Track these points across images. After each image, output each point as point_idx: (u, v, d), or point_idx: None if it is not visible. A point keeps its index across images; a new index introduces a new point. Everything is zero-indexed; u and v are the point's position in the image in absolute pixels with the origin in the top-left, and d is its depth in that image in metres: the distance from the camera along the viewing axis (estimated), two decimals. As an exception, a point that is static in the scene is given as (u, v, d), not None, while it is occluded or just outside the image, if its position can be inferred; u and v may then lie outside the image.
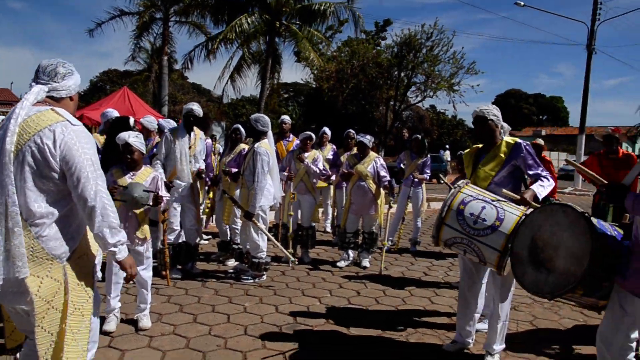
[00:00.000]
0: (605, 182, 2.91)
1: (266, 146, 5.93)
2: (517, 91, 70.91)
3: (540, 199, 3.67)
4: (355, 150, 7.44)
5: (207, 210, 8.40)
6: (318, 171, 7.06)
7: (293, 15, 21.71)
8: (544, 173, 3.81)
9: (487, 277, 4.26)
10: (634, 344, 2.84)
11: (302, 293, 5.74)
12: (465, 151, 4.41)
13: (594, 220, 2.83)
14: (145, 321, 4.54)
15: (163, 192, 4.64)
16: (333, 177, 8.06)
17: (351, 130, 8.78)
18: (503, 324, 3.95)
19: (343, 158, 7.24)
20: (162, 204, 4.60)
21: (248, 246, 6.11)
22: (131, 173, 4.48)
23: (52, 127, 2.30)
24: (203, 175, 6.23)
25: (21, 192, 2.29)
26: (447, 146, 33.79)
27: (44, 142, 2.27)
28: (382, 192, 6.91)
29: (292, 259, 6.54)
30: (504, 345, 4.03)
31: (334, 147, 8.89)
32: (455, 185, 3.81)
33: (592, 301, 2.96)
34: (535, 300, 5.60)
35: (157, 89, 25.07)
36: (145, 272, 4.56)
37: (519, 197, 3.61)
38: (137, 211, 4.41)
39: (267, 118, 6.10)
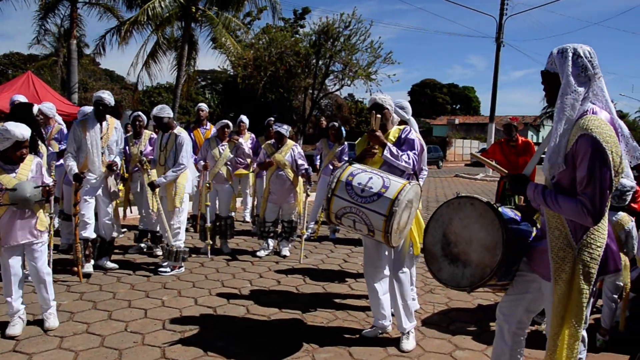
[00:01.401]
0: (506, 172, 3.04)
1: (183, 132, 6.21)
2: (432, 81, 73.31)
3: (384, 157, 3.94)
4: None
5: (118, 202, 8.10)
6: (249, 151, 7.51)
7: (210, 1, 21.21)
8: (412, 154, 3.99)
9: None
10: (529, 321, 3.02)
11: (221, 284, 5.67)
12: (358, 139, 4.55)
13: (499, 209, 2.95)
14: (52, 320, 4.30)
15: (46, 179, 4.35)
16: (254, 166, 8.03)
17: (271, 119, 8.76)
18: (404, 303, 4.09)
19: (268, 144, 7.18)
20: (52, 192, 4.31)
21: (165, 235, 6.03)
22: (13, 168, 4.09)
23: None
24: (115, 168, 5.90)
25: None
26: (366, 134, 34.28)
27: None
28: (300, 180, 6.94)
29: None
30: (414, 322, 4.19)
31: (253, 135, 8.81)
32: (345, 162, 3.97)
33: (503, 284, 3.09)
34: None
35: (66, 75, 23.73)
36: (44, 268, 4.28)
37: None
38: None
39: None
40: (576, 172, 2.41)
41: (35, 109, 5.93)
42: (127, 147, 7.04)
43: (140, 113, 7.25)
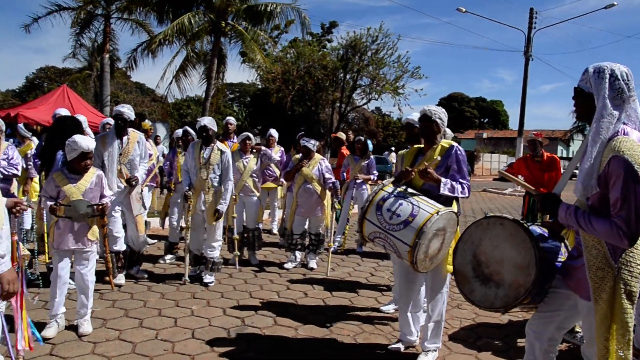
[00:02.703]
0: (534, 190, 3.03)
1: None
2: (459, 94, 72.93)
3: (444, 190, 3.80)
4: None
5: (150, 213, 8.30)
6: (277, 159, 7.59)
7: (239, 15, 21.54)
8: (464, 181, 3.95)
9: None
10: (561, 338, 3.00)
11: (249, 295, 5.74)
12: (403, 151, 4.54)
13: (530, 227, 2.95)
14: (86, 326, 4.43)
15: (106, 191, 4.56)
16: (282, 179, 8.15)
17: (302, 133, 8.88)
18: (435, 323, 4.08)
19: (297, 157, 7.25)
20: (107, 210, 4.51)
21: (205, 249, 6.13)
22: (76, 178, 4.34)
23: None
24: (134, 183, 5.88)
25: None
26: (393, 148, 34.26)
27: None
28: (328, 193, 6.99)
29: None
30: (438, 345, 4.15)
31: (282, 149, 8.92)
32: (380, 183, 3.95)
33: (534, 304, 3.07)
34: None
35: (99, 88, 24.31)
36: (90, 275, 4.46)
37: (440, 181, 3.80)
38: None
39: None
40: (609, 194, 2.39)
41: (84, 122, 6.13)
42: (174, 159, 7.33)
43: (188, 128, 7.37)
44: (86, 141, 4.23)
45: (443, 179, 3.82)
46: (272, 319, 4.98)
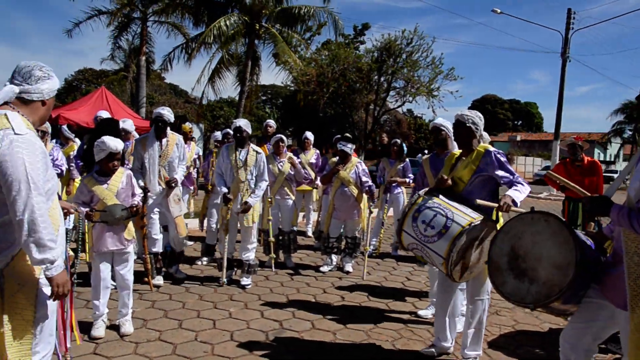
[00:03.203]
0: (585, 192, 2.96)
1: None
2: (493, 96, 72.02)
3: (519, 203, 3.70)
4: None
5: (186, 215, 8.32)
6: (302, 170, 7.45)
7: (272, 18, 21.68)
8: (518, 179, 3.86)
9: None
10: (597, 349, 2.92)
11: (286, 298, 5.75)
12: (425, 157, 4.51)
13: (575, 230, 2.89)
14: (128, 326, 4.49)
15: (136, 190, 4.62)
16: (318, 182, 8.15)
17: (338, 136, 8.85)
18: (475, 330, 4.02)
19: (333, 161, 7.23)
20: (140, 211, 4.56)
21: (241, 252, 6.17)
22: (106, 179, 4.38)
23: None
24: (173, 185, 5.89)
25: None
26: (426, 151, 33.97)
27: None
28: (365, 197, 6.96)
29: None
30: (479, 352, 4.09)
31: (317, 151, 8.92)
32: (416, 194, 3.93)
33: (564, 308, 3.01)
34: (518, 305, 5.70)
35: (135, 89, 24.77)
36: (129, 275, 4.54)
37: (496, 204, 3.67)
38: None
39: None
40: None
41: (125, 125, 6.22)
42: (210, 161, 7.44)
43: (230, 130, 7.43)
44: (114, 142, 4.27)
45: (513, 196, 3.68)
46: (310, 323, 4.97)
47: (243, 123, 6.11)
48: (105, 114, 6.91)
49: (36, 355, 2.50)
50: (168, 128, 5.95)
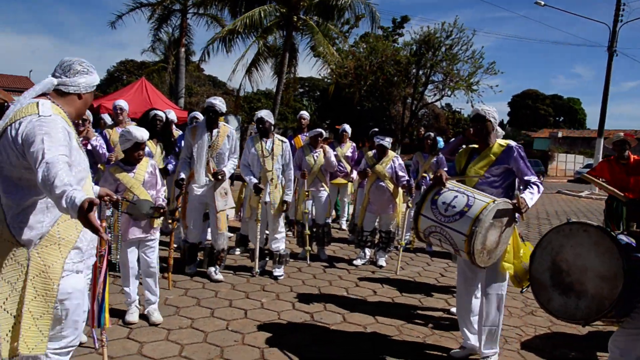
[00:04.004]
0: (622, 194, 2.85)
1: None
2: (534, 92, 70.42)
3: (530, 207, 3.63)
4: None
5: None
6: (335, 163, 7.29)
7: (310, 10, 21.61)
8: (534, 179, 3.80)
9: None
10: None
11: (318, 291, 5.73)
12: (460, 150, 4.40)
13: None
14: (156, 315, 4.53)
15: (159, 180, 4.61)
16: (354, 175, 8.10)
17: (375, 129, 8.78)
18: (491, 329, 3.90)
19: (369, 154, 7.15)
20: (166, 211, 4.55)
21: (270, 242, 6.17)
22: (132, 168, 4.40)
23: (22, 120, 2.33)
24: (220, 177, 5.69)
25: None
26: (464, 146, 33.55)
27: (11, 134, 2.32)
28: (400, 191, 6.88)
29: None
30: (496, 350, 3.97)
31: (354, 144, 8.88)
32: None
33: (619, 318, 2.89)
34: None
35: (174, 80, 25.12)
36: (155, 261, 4.56)
37: (516, 204, 3.59)
38: None
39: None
40: None
41: (171, 115, 6.26)
42: None
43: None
44: (140, 132, 4.29)
45: (526, 199, 3.62)
46: (341, 316, 4.95)
47: (265, 114, 6.11)
48: (124, 104, 6.96)
49: (63, 340, 2.55)
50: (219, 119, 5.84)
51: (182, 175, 5.66)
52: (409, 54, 20.24)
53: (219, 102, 5.71)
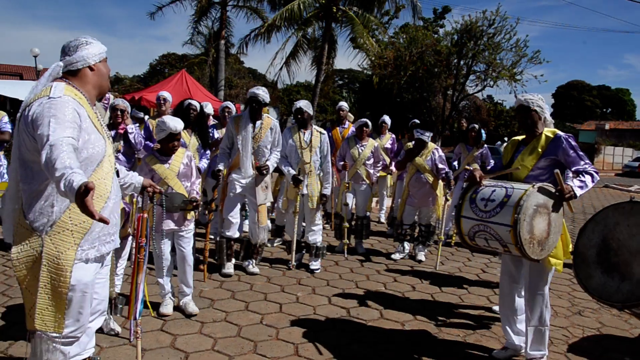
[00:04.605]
0: None
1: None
2: (580, 82, 68.35)
3: (578, 196, 3.38)
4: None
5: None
6: (381, 163, 7.16)
7: (350, 0, 21.41)
8: (588, 168, 3.52)
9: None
10: None
11: (355, 285, 5.60)
12: (507, 142, 4.16)
13: None
14: (192, 306, 4.49)
15: (194, 172, 4.54)
16: (393, 167, 7.93)
17: (415, 120, 8.59)
18: (537, 329, 3.68)
19: (409, 145, 6.94)
20: (199, 205, 4.48)
21: (307, 235, 6.06)
22: (168, 159, 4.35)
23: (33, 103, 2.34)
24: (265, 172, 5.50)
25: (15, 161, 2.43)
26: (505, 138, 32.96)
27: (23, 117, 2.34)
28: (441, 183, 6.67)
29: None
30: (544, 352, 3.74)
31: (393, 136, 8.71)
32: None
33: None
34: (603, 305, 5.27)
35: (214, 73, 25.30)
36: (189, 254, 4.50)
37: (559, 189, 3.35)
38: None
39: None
40: None
41: (208, 108, 6.22)
42: None
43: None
44: (174, 122, 4.22)
45: (572, 186, 3.37)
46: (378, 312, 4.80)
47: (303, 104, 5.97)
48: (167, 95, 6.95)
49: (64, 329, 2.48)
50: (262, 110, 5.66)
51: (221, 167, 5.50)
52: (450, 44, 19.80)
53: (262, 92, 5.52)
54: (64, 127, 2.24)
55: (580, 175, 3.47)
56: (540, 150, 3.68)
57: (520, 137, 3.97)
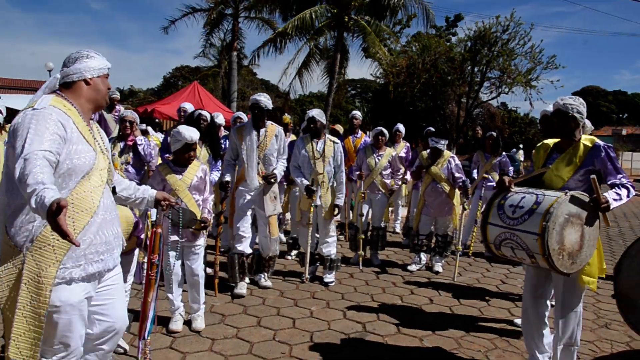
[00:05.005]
0: None
1: None
2: (595, 88, 67.63)
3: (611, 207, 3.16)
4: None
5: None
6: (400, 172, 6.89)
7: (362, 9, 21.32)
8: (625, 181, 3.30)
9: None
10: None
11: (371, 298, 5.43)
12: (538, 145, 3.92)
13: None
14: (199, 322, 4.37)
15: (208, 187, 4.41)
16: (408, 176, 7.76)
17: (430, 128, 8.44)
18: (566, 347, 3.44)
19: (424, 155, 6.75)
20: (208, 225, 4.34)
21: (320, 247, 5.91)
22: (181, 170, 4.24)
23: (19, 114, 2.28)
24: (272, 180, 5.30)
25: (3, 175, 2.34)
26: (521, 145, 32.58)
27: (8, 137, 2.27)
28: (457, 192, 6.49)
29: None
30: None
31: (408, 144, 8.55)
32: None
33: None
34: None
35: (227, 84, 25.31)
36: (199, 270, 4.39)
37: (594, 197, 3.14)
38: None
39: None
40: None
41: (219, 118, 6.15)
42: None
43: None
44: (189, 132, 4.11)
45: (609, 198, 3.16)
46: (395, 327, 4.62)
47: (316, 113, 5.84)
48: (188, 106, 6.89)
49: (53, 356, 2.36)
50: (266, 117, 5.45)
51: (228, 178, 5.36)
52: (464, 51, 19.56)
53: (264, 98, 5.31)
54: (42, 140, 2.13)
55: (616, 188, 3.27)
56: (578, 161, 3.42)
57: (552, 141, 3.71)
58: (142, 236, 3.54)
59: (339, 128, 9.16)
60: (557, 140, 3.65)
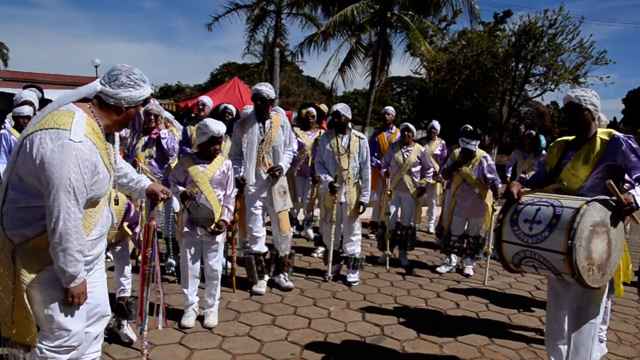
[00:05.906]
0: None
1: None
2: (655, 87, 64.66)
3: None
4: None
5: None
6: (431, 170, 6.73)
7: (405, 5, 20.99)
8: None
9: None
10: None
11: (394, 300, 5.22)
12: (551, 144, 3.61)
13: None
14: (212, 318, 4.28)
15: (231, 182, 4.32)
16: (441, 175, 7.51)
17: (467, 126, 8.17)
18: (582, 357, 3.11)
19: (456, 153, 6.45)
20: (223, 228, 4.24)
21: (345, 246, 5.73)
22: (205, 163, 4.19)
23: (42, 132, 2.18)
24: (277, 173, 5.05)
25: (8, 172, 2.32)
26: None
27: (31, 142, 2.19)
28: (489, 193, 6.18)
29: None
30: None
31: (443, 142, 8.29)
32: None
33: None
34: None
35: (270, 80, 25.40)
36: (217, 266, 4.31)
37: (618, 199, 2.84)
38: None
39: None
40: None
41: (233, 110, 6.09)
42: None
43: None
44: (216, 125, 4.04)
45: (635, 195, 2.86)
46: (414, 332, 4.40)
47: (341, 107, 5.64)
48: (207, 99, 6.84)
49: (57, 340, 2.37)
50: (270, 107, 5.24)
51: (241, 174, 5.10)
52: (508, 46, 18.87)
53: (266, 88, 5.01)
54: (79, 195, 2.20)
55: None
56: (595, 157, 3.13)
57: (566, 138, 3.43)
58: (137, 230, 3.47)
59: (324, 107, 8.84)
60: (572, 137, 3.36)
